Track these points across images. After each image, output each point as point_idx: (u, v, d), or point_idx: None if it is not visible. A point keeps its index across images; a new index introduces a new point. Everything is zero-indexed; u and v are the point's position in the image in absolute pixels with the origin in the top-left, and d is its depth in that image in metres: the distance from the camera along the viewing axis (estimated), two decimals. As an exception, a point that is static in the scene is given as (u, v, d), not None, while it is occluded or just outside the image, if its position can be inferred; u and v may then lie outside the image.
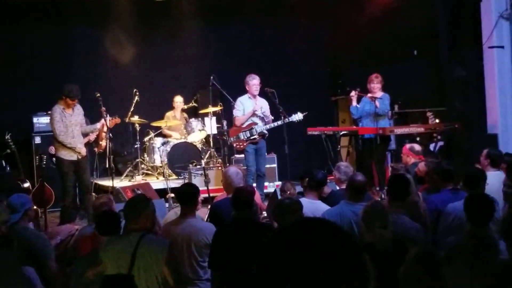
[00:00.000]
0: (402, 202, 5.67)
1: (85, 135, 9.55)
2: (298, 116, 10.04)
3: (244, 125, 10.02)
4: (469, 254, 4.34)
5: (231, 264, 4.94)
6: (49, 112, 10.43)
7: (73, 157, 9.13)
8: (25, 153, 11.04)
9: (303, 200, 6.26)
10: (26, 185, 10.20)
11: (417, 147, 8.92)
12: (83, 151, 9.23)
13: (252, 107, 10.00)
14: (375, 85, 10.28)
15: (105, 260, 4.49)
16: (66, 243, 6.18)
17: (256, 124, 10.02)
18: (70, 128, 9.17)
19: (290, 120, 9.94)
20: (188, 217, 5.71)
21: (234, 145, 10.13)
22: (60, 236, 6.10)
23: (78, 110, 9.33)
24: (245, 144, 9.97)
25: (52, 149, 9.78)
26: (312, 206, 6.19)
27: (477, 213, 4.69)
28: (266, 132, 10.06)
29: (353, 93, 10.43)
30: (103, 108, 9.69)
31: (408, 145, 9.11)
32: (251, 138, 9.98)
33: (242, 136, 10.00)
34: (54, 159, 9.73)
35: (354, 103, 10.44)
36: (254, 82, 9.98)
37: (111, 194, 9.13)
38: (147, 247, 4.50)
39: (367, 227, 4.84)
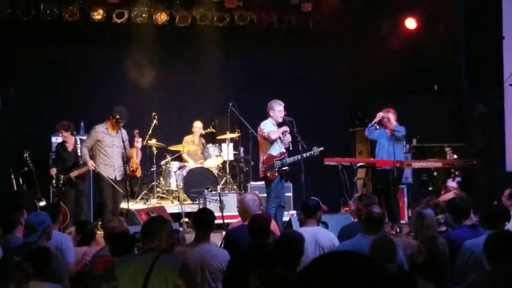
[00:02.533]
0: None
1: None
2: (315, 151, 9.91)
3: (276, 154, 9.68)
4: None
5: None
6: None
7: (111, 175, 9.34)
8: (43, 172, 11.08)
9: (302, 230, 6.22)
10: (42, 203, 10.21)
11: (452, 184, 8.84)
12: (118, 174, 9.63)
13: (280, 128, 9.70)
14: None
15: (119, 278, 4.48)
16: (84, 264, 6.16)
17: (286, 154, 9.75)
18: (111, 148, 9.43)
19: (308, 155, 9.82)
20: (203, 242, 5.69)
21: (268, 174, 9.62)
22: (87, 257, 6.08)
23: (123, 133, 9.57)
24: (276, 174, 9.61)
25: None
26: (313, 233, 6.17)
27: (499, 253, 4.55)
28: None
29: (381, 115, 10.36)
30: (136, 131, 9.97)
31: (449, 181, 9.09)
32: (282, 169, 9.67)
33: (276, 165, 9.65)
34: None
35: (374, 122, 10.40)
36: (280, 108, 9.68)
37: (125, 216, 9.17)
38: (162, 266, 4.48)
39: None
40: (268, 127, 9.64)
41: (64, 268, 5.59)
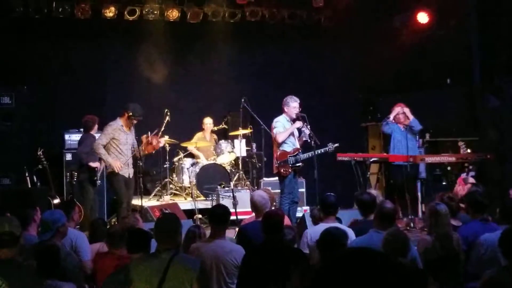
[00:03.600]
0: None
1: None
2: (330, 148, 9.86)
3: (290, 150, 9.63)
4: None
5: (260, 287, 4.90)
6: (81, 129, 10.65)
7: (125, 173, 9.33)
8: (56, 170, 11.15)
9: (321, 226, 6.22)
10: (56, 201, 10.28)
11: (471, 179, 8.79)
12: (131, 171, 9.59)
13: (290, 127, 9.68)
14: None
15: (134, 278, 4.47)
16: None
17: (300, 150, 9.72)
18: (125, 146, 9.41)
19: (322, 151, 9.77)
20: (218, 238, 5.71)
21: (282, 170, 9.58)
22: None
23: (133, 131, 9.58)
24: (290, 170, 9.57)
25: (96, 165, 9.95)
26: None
27: None
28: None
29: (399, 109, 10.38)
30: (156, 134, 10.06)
31: (463, 175, 9.04)
32: (296, 165, 9.64)
33: (289, 161, 9.61)
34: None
35: (391, 116, 10.42)
36: (295, 104, 9.65)
37: (139, 213, 9.19)
38: (178, 266, 4.46)
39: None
40: (278, 125, 9.62)
41: (78, 266, 5.62)
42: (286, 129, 9.61)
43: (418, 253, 5.53)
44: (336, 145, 9.83)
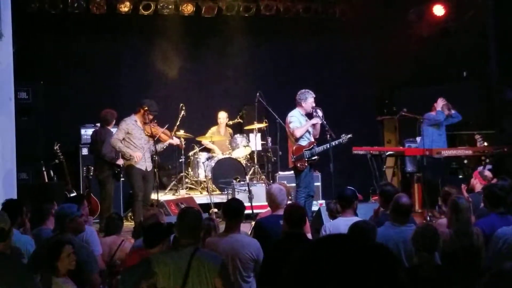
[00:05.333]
0: None
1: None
2: (343, 139, 9.78)
3: (305, 144, 9.56)
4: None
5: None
6: (97, 124, 10.71)
7: (142, 166, 9.38)
8: (73, 164, 11.22)
9: (340, 220, 6.22)
10: (73, 195, 10.33)
11: (487, 173, 8.71)
12: (148, 165, 9.61)
13: (305, 122, 9.61)
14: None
15: (157, 273, 4.40)
16: (113, 255, 6.20)
17: (315, 143, 9.65)
18: (140, 141, 9.45)
19: (336, 143, 9.71)
20: (233, 232, 5.72)
21: (298, 164, 9.51)
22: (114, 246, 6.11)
23: (155, 126, 9.67)
24: (306, 164, 9.51)
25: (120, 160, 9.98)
26: (351, 223, 6.13)
27: None
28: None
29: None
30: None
31: (480, 168, 8.97)
32: (312, 158, 9.57)
33: (305, 155, 9.53)
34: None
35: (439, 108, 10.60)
36: (312, 99, 9.58)
37: (154, 207, 9.23)
38: (201, 262, 4.43)
39: (416, 250, 4.77)
40: (295, 121, 9.54)
41: (93, 257, 5.63)
42: (303, 125, 9.55)
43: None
44: (350, 136, 9.72)
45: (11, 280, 4.44)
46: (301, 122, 9.57)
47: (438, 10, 12.35)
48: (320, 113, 9.56)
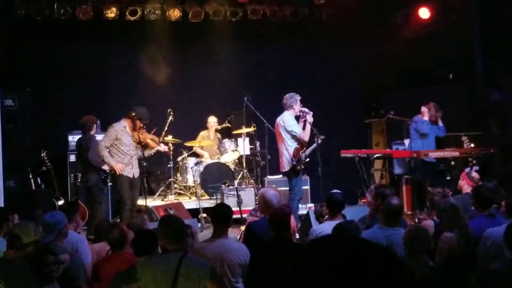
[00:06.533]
0: None
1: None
2: (317, 141, 9.71)
3: (299, 146, 9.56)
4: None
5: (269, 284, 4.89)
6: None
7: (130, 174, 9.32)
8: (60, 171, 11.16)
9: (328, 224, 6.21)
10: (61, 202, 10.29)
11: (474, 174, 8.74)
12: (136, 172, 9.52)
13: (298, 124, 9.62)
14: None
15: (143, 281, 4.38)
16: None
17: (306, 145, 9.67)
18: (128, 147, 9.36)
19: (313, 147, 9.69)
20: (221, 237, 5.70)
21: (298, 167, 9.54)
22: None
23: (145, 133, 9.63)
24: (302, 166, 9.57)
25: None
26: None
27: None
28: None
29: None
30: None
31: (467, 170, 9.00)
32: (306, 160, 9.65)
33: (302, 157, 9.56)
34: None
35: (427, 117, 10.61)
36: (299, 102, 9.66)
37: (143, 213, 9.20)
38: (189, 268, 4.40)
39: (409, 252, 4.78)
40: (293, 123, 9.53)
41: (82, 266, 5.62)
42: (306, 128, 9.52)
43: (442, 251, 5.46)
44: (323, 137, 9.72)
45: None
46: (298, 125, 9.58)
47: (424, 13, 12.42)
48: (310, 112, 9.58)
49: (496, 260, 4.99)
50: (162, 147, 10.53)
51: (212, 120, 12.66)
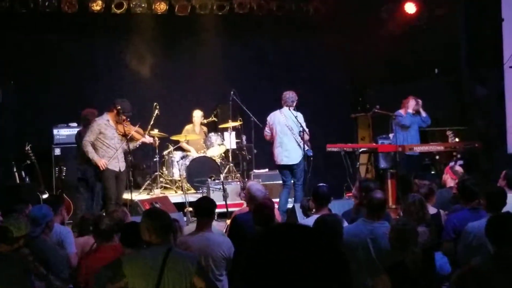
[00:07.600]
0: None
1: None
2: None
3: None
4: (494, 276, 4.23)
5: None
6: (70, 124, 10.61)
7: (115, 168, 9.28)
8: (45, 165, 11.10)
9: (314, 217, 6.22)
10: (45, 196, 10.23)
11: (458, 168, 8.79)
12: (122, 165, 9.46)
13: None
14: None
15: (128, 276, 4.32)
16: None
17: None
18: (112, 140, 9.32)
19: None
20: (205, 230, 5.70)
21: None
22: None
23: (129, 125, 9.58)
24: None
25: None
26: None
27: (501, 235, 4.45)
28: None
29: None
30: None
31: (451, 164, 9.06)
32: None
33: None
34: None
35: (410, 110, 10.72)
36: None
37: (129, 207, 9.19)
38: (177, 261, 4.36)
39: (400, 246, 4.81)
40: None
41: (64, 259, 5.66)
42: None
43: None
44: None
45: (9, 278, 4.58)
46: None
47: (410, 7, 12.43)
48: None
49: (478, 253, 5.03)
50: (148, 139, 10.50)
51: (197, 115, 12.63)
